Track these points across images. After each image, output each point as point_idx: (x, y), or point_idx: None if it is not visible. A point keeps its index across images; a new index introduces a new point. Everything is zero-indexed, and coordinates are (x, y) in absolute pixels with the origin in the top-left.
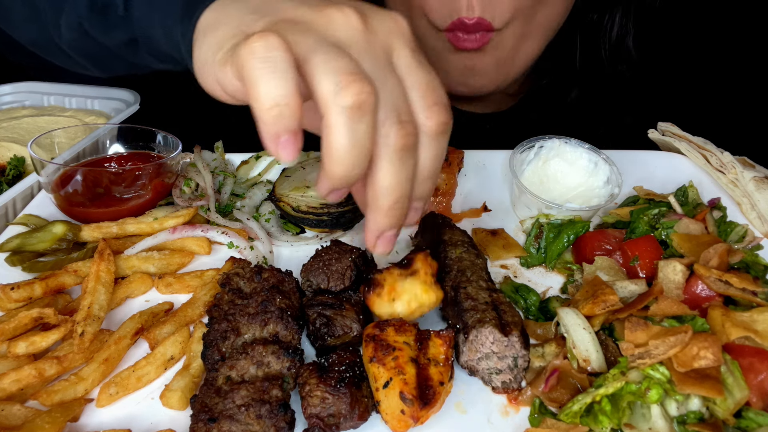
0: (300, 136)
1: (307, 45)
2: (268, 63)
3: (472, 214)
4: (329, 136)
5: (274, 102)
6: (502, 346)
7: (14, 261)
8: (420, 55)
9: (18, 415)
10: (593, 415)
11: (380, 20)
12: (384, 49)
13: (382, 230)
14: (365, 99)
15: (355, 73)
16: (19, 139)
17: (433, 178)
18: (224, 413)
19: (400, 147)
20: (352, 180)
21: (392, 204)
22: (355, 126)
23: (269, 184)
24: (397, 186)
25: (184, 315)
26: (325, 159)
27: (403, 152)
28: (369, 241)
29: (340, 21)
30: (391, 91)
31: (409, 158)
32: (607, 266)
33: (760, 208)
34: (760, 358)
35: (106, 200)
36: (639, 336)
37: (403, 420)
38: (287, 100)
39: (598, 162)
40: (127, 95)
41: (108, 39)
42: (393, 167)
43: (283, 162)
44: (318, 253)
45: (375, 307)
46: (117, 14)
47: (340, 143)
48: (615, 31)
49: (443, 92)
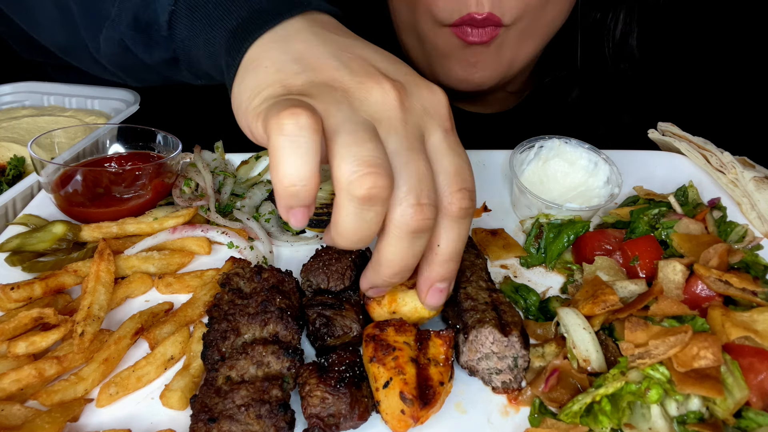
0: (312, 207)
1: (336, 120)
2: (293, 144)
3: None
4: (338, 214)
5: (292, 182)
6: (502, 346)
7: (14, 261)
8: (453, 136)
9: (18, 415)
10: (593, 415)
11: (418, 97)
12: (417, 128)
13: (376, 286)
14: (376, 193)
15: (373, 164)
16: (19, 139)
17: (455, 260)
18: (224, 413)
19: (412, 229)
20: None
21: (392, 274)
22: (363, 214)
23: (269, 184)
24: (401, 261)
25: (184, 315)
26: (332, 227)
27: (414, 234)
28: (362, 286)
29: (378, 96)
30: (416, 172)
31: (420, 239)
32: (607, 266)
33: (760, 208)
34: (760, 358)
35: (106, 200)
36: (639, 336)
37: (403, 420)
38: (305, 182)
39: (598, 162)
40: (127, 95)
41: (149, 57)
42: (401, 245)
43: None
44: (318, 253)
45: (374, 315)
46: (160, 34)
47: (347, 225)
48: (619, 30)
49: (471, 177)
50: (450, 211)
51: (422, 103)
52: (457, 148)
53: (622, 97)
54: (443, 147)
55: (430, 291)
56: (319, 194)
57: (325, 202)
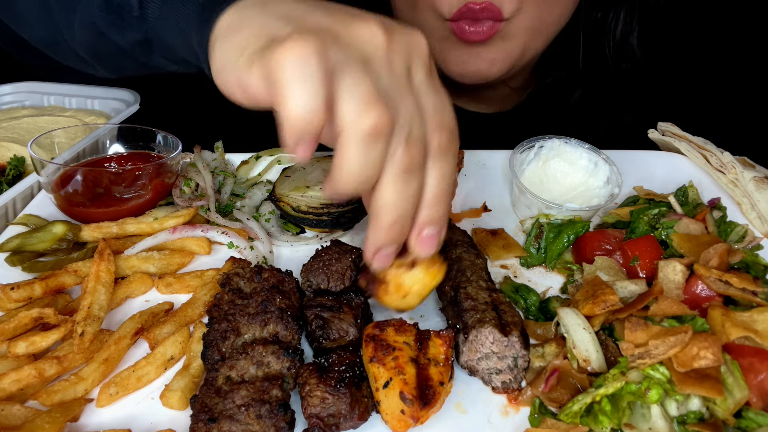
0: (318, 138)
1: (337, 58)
2: (304, 70)
3: (472, 214)
4: (342, 154)
5: (301, 113)
6: (502, 346)
7: (14, 261)
8: (435, 77)
9: (18, 415)
10: (593, 415)
11: (402, 37)
12: (404, 67)
13: (380, 247)
14: (383, 126)
15: (377, 99)
16: (19, 139)
17: (442, 202)
18: (224, 413)
19: (404, 166)
20: (357, 193)
21: (392, 222)
22: (369, 151)
23: (269, 184)
24: (399, 204)
25: (184, 315)
26: (335, 172)
27: (407, 171)
28: (367, 255)
29: (366, 36)
30: (405, 110)
31: (413, 179)
32: (607, 266)
33: (760, 208)
34: (760, 358)
35: (106, 200)
36: (639, 336)
37: (403, 420)
38: (315, 114)
39: (598, 162)
40: (127, 95)
41: (121, 39)
42: (396, 185)
43: (298, 160)
44: (318, 253)
45: (386, 303)
46: (131, 15)
47: (351, 164)
48: (619, 29)
49: (452, 116)
50: (433, 149)
51: (406, 43)
52: (439, 88)
53: (622, 96)
54: (427, 86)
55: (419, 238)
56: (319, 194)
57: (325, 202)
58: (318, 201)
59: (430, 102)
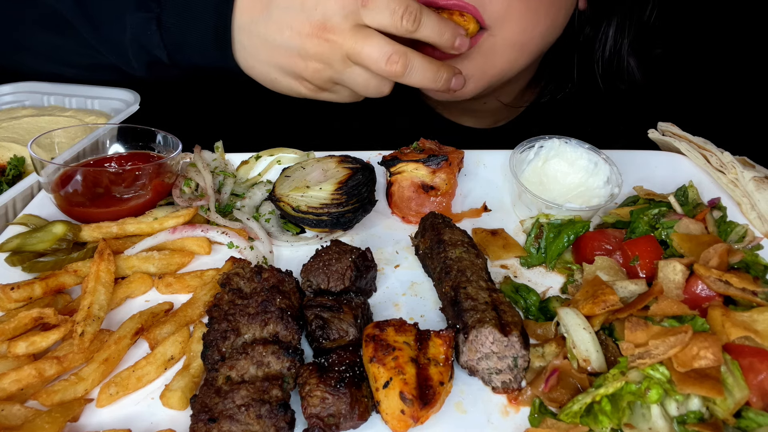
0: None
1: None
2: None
3: (472, 214)
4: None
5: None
6: (502, 346)
7: (14, 261)
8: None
9: (18, 415)
10: (593, 415)
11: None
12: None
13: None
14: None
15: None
16: (19, 139)
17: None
18: (224, 413)
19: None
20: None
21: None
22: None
23: (269, 184)
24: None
25: (184, 315)
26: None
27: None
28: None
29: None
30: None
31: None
32: (607, 266)
33: (760, 208)
34: (760, 358)
35: (106, 200)
36: (639, 336)
37: (403, 420)
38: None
39: (598, 162)
40: (127, 95)
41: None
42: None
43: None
44: (318, 253)
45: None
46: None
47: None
48: (609, 47)
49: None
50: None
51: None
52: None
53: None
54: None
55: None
56: (319, 194)
57: (325, 202)
58: (318, 201)
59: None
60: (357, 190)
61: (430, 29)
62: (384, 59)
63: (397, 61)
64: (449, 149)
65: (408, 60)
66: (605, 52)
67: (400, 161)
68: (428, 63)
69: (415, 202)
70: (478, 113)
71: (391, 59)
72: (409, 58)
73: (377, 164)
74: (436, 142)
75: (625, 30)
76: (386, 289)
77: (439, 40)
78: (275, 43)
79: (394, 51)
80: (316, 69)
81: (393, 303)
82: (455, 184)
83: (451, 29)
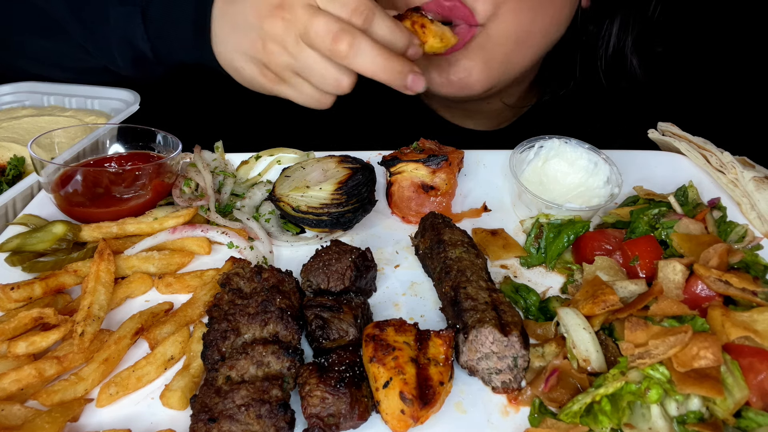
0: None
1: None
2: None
3: (472, 214)
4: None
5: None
6: (502, 346)
7: (14, 261)
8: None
9: (18, 415)
10: (593, 415)
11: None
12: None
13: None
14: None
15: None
16: (19, 139)
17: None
18: (224, 413)
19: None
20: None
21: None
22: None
23: (269, 184)
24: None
25: (184, 315)
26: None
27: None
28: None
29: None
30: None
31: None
32: (607, 266)
33: (760, 208)
34: (760, 358)
35: (106, 200)
36: (639, 336)
37: (403, 420)
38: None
39: (598, 162)
40: (127, 95)
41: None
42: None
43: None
44: (318, 253)
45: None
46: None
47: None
48: (612, 44)
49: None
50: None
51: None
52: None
53: (622, 97)
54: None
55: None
56: (319, 194)
57: (325, 202)
58: (318, 201)
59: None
60: (357, 190)
61: (382, 31)
62: (330, 36)
63: (344, 39)
64: (449, 149)
65: (356, 41)
66: (608, 50)
67: (400, 161)
68: (379, 50)
69: (415, 202)
70: (481, 115)
71: (338, 36)
72: (358, 39)
73: (377, 164)
74: (436, 142)
75: (628, 27)
76: (386, 289)
77: (392, 41)
78: (239, 27)
79: (341, 29)
80: (272, 51)
81: (393, 303)
82: (455, 184)
83: (406, 35)
